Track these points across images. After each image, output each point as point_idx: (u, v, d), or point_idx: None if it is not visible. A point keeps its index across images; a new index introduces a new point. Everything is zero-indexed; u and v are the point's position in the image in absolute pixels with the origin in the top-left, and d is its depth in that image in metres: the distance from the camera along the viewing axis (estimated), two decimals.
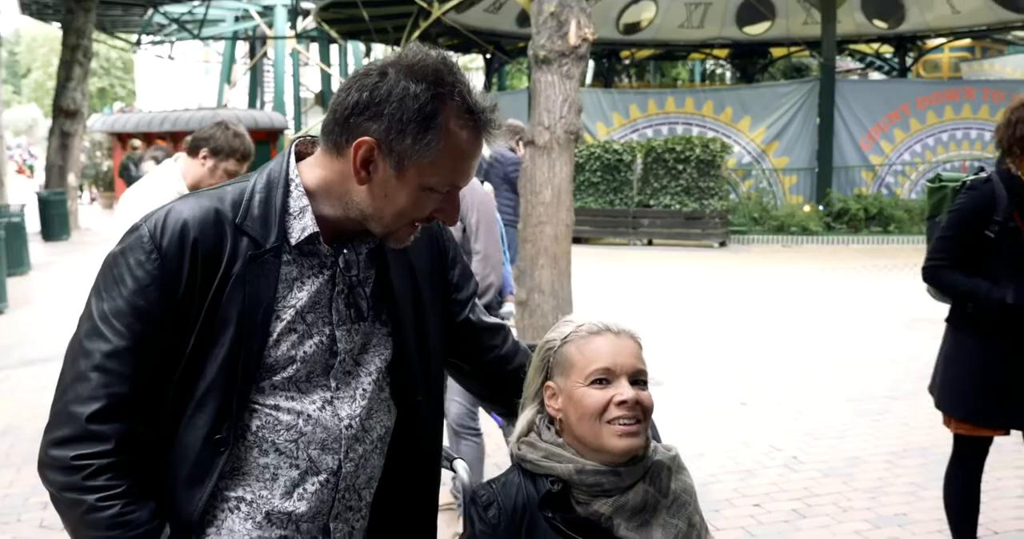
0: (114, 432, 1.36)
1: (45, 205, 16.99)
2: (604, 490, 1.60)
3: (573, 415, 1.62)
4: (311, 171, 1.49)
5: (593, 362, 1.62)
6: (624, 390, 1.59)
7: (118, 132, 24.27)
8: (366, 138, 1.39)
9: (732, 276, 12.57)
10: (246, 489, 1.47)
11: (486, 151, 9.09)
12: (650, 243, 16.60)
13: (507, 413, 1.89)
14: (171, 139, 22.77)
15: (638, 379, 1.63)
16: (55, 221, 16.73)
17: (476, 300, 1.81)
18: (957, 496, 3.50)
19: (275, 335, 1.45)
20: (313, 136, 1.55)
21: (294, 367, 1.47)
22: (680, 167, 16.19)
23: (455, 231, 4.12)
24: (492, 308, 4.34)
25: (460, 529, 1.76)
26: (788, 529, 4.25)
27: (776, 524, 4.30)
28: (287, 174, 1.49)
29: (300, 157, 1.53)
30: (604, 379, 1.61)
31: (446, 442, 1.89)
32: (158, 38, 31.99)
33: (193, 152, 3.74)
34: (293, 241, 1.46)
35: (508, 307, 4.68)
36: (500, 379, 1.82)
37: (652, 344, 4.37)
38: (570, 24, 6.62)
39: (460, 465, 1.85)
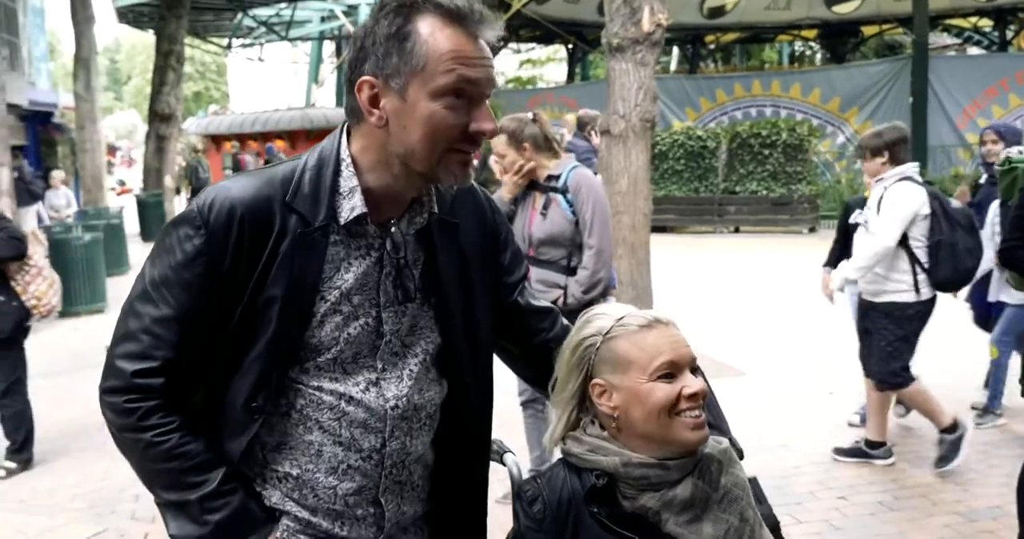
0: (159, 384, 1.43)
1: (143, 207, 17.61)
2: (651, 484, 1.56)
3: (639, 412, 1.57)
4: (354, 145, 1.50)
5: (657, 357, 1.57)
6: (691, 382, 1.57)
7: (212, 134, 25.01)
8: (362, 78, 1.42)
9: (821, 262, 12.23)
10: (293, 463, 1.51)
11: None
12: (737, 230, 16.32)
13: None
14: (262, 139, 23.39)
15: (694, 367, 1.61)
16: (153, 222, 17.31)
17: (526, 283, 1.78)
18: None
19: (319, 316, 1.46)
20: None
21: (338, 348, 1.48)
22: (766, 152, 15.86)
23: (567, 223, 4.02)
24: (595, 303, 4.24)
25: None
26: (874, 522, 4.12)
27: (861, 517, 4.17)
28: (338, 153, 1.50)
29: None
30: (670, 373, 1.58)
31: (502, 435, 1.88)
32: (248, 41, 32.75)
33: None
34: (342, 221, 1.47)
35: (611, 302, 4.59)
36: (549, 362, 1.78)
37: (737, 333, 4.29)
38: (643, 10, 6.53)
39: (510, 459, 1.84)
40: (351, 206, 1.46)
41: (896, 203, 4.54)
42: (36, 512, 4.55)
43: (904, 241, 4.56)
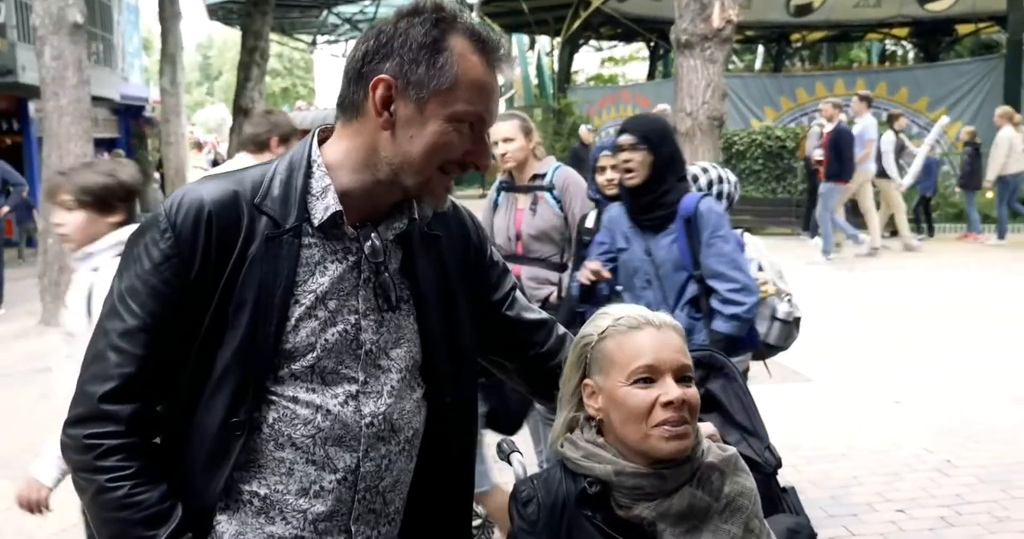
0: (126, 413, 1.37)
1: None
2: (646, 493, 1.51)
3: (616, 417, 1.53)
4: (333, 148, 1.47)
5: (636, 359, 1.52)
6: (670, 389, 1.49)
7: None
8: (381, 76, 1.38)
9: (895, 266, 11.87)
10: (261, 482, 1.44)
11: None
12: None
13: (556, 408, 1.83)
14: None
15: (683, 376, 1.52)
16: None
17: (516, 295, 1.74)
18: None
19: (293, 319, 1.41)
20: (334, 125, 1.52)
21: (314, 355, 1.42)
22: None
23: (556, 219, 4.10)
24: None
25: None
26: (933, 538, 3.96)
27: (920, 532, 4.02)
28: (309, 155, 1.46)
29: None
30: (648, 378, 1.51)
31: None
32: (333, 38, 33.30)
33: None
34: (316, 222, 1.43)
35: None
36: (545, 374, 1.74)
37: (805, 338, 4.15)
38: (714, 6, 6.42)
39: (516, 459, 1.81)
40: (324, 206, 1.43)
41: None
42: None
43: None
